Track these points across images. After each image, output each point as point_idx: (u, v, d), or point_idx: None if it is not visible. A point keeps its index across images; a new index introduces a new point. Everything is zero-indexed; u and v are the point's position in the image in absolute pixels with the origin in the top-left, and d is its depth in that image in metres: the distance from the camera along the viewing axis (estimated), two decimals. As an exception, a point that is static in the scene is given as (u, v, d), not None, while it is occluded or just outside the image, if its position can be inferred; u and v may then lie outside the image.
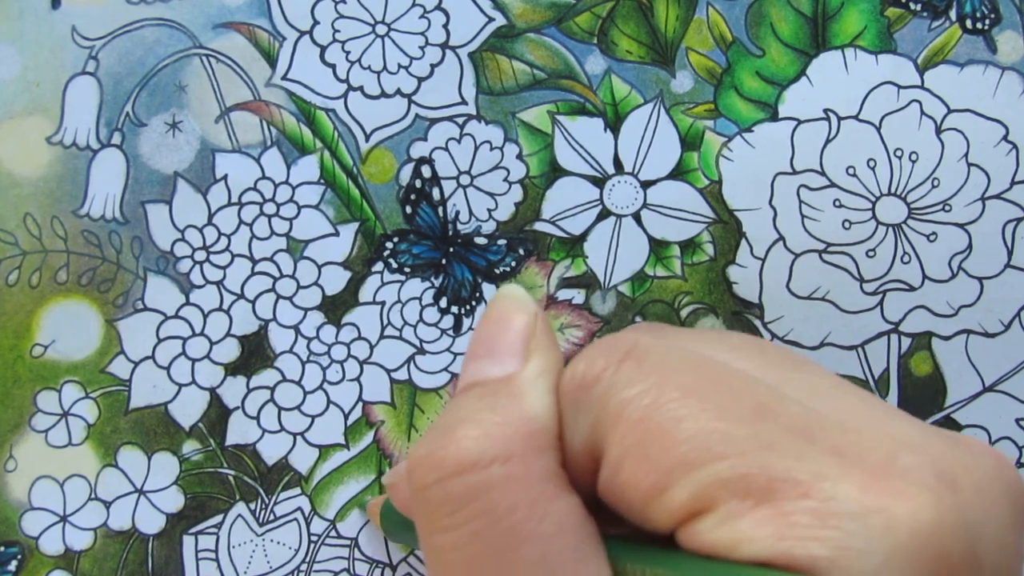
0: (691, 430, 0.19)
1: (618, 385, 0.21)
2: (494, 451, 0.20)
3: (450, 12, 0.37)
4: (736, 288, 0.37)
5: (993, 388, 0.37)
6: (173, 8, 0.36)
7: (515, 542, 0.20)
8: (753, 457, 0.19)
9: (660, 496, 0.20)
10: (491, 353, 0.23)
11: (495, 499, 0.20)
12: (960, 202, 0.37)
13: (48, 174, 0.36)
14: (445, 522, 0.20)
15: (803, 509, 0.18)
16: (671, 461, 0.19)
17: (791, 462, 0.19)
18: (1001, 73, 0.37)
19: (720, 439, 0.19)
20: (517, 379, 0.22)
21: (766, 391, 0.20)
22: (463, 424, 0.21)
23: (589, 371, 0.21)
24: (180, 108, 0.36)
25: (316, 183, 0.36)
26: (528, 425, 0.21)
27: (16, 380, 0.35)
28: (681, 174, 0.37)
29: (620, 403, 0.20)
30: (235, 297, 0.36)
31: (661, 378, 0.20)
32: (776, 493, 0.18)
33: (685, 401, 0.20)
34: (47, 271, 0.36)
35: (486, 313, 0.24)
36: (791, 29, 0.37)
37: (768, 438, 0.19)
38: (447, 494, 0.20)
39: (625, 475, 0.20)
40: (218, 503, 0.36)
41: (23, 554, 0.35)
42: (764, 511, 0.18)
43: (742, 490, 0.19)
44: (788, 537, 0.18)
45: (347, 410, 0.36)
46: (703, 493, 0.19)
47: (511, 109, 0.37)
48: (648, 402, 0.20)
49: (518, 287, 0.25)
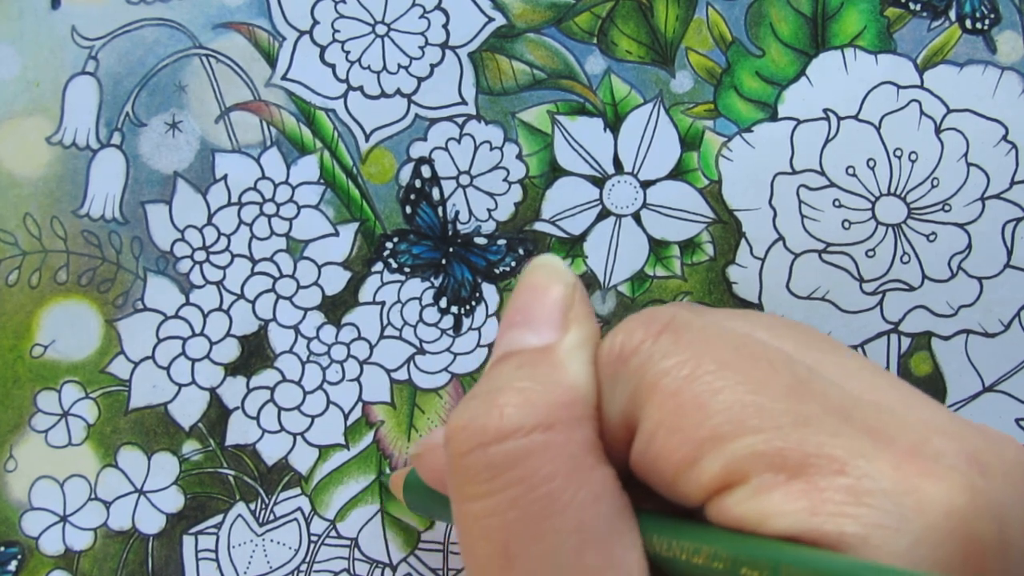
0: (726, 402, 0.19)
1: (655, 356, 0.21)
2: (535, 419, 0.20)
3: (450, 12, 0.37)
4: (736, 288, 0.37)
5: (993, 388, 0.37)
6: (173, 8, 0.36)
7: (552, 510, 0.20)
8: (788, 432, 0.19)
9: (692, 467, 0.20)
10: (529, 322, 0.23)
11: (535, 466, 0.20)
12: (960, 202, 0.37)
13: (48, 174, 0.36)
14: (483, 488, 0.20)
15: (837, 486, 0.18)
16: (705, 433, 0.19)
17: (826, 438, 0.19)
18: (1001, 73, 0.37)
19: (755, 412, 0.19)
20: (556, 349, 0.22)
21: (803, 369, 0.20)
22: (504, 392, 0.21)
23: (627, 342, 0.21)
24: (180, 108, 0.36)
25: (316, 183, 0.36)
26: (569, 394, 0.21)
27: (16, 380, 0.35)
28: (681, 174, 0.37)
29: (657, 374, 0.20)
30: (235, 297, 0.36)
31: (698, 351, 0.20)
32: (810, 468, 0.18)
33: (722, 374, 0.20)
34: (47, 271, 0.36)
35: (522, 282, 0.24)
36: (791, 29, 0.37)
37: (804, 414, 0.19)
38: (487, 461, 0.20)
39: (658, 446, 0.20)
40: (218, 503, 0.36)
41: (23, 554, 0.35)
42: (797, 485, 0.18)
43: (776, 464, 0.19)
44: (820, 512, 0.18)
45: (347, 410, 0.36)
46: (735, 466, 0.19)
47: (511, 109, 0.37)
48: (685, 373, 0.20)
49: (555, 256, 0.24)
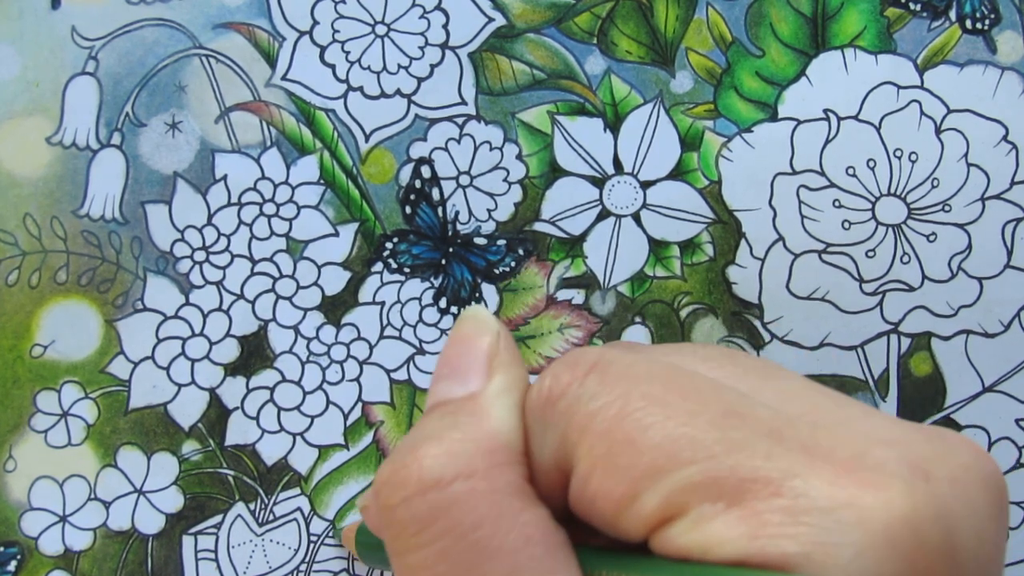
0: (658, 437, 0.19)
1: (583, 397, 0.21)
2: (456, 468, 0.20)
3: (450, 12, 0.37)
4: (736, 288, 0.37)
5: (993, 388, 0.37)
6: (173, 8, 0.36)
7: (483, 558, 0.20)
8: (722, 460, 0.19)
9: (631, 505, 0.19)
10: (454, 373, 0.23)
11: (460, 516, 0.20)
12: (960, 202, 0.37)
13: (48, 174, 0.36)
14: (412, 541, 0.20)
15: (774, 507, 0.18)
16: (640, 469, 0.19)
17: (760, 462, 0.19)
18: (1001, 73, 0.37)
19: (688, 444, 0.19)
20: (480, 397, 0.22)
21: (734, 396, 0.20)
22: (426, 442, 0.21)
23: (555, 386, 0.21)
24: (180, 108, 0.36)
25: (316, 183, 0.36)
26: (490, 441, 0.21)
27: (16, 380, 0.35)
28: (681, 174, 0.37)
29: (586, 415, 0.20)
30: (235, 297, 0.36)
31: (627, 388, 0.20)
32: (747, 493, 0.18)
33: (651, 409, 0.20)
34: (47, 271, 0.36)
35: (451, 335, 0.24)
36: (791, 29, 0.37)
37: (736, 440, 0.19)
38: (412, 513, 0.20)
39: (595, 486, 0.20)
40: (218, 503, 0.36)
41: (23, 554, 0.35)
42: (735, 512, 0.18)
43: (712, 493, 0.19)
44: (761, 536, 0.18)
45: (347, 410, 0.36)
46: (673, 499, 0.19)
47: (511, 109, 0.37)
48: (614, 412, 0.20)
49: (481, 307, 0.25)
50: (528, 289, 0.37)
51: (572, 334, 0.37)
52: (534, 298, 0.37)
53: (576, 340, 0.37)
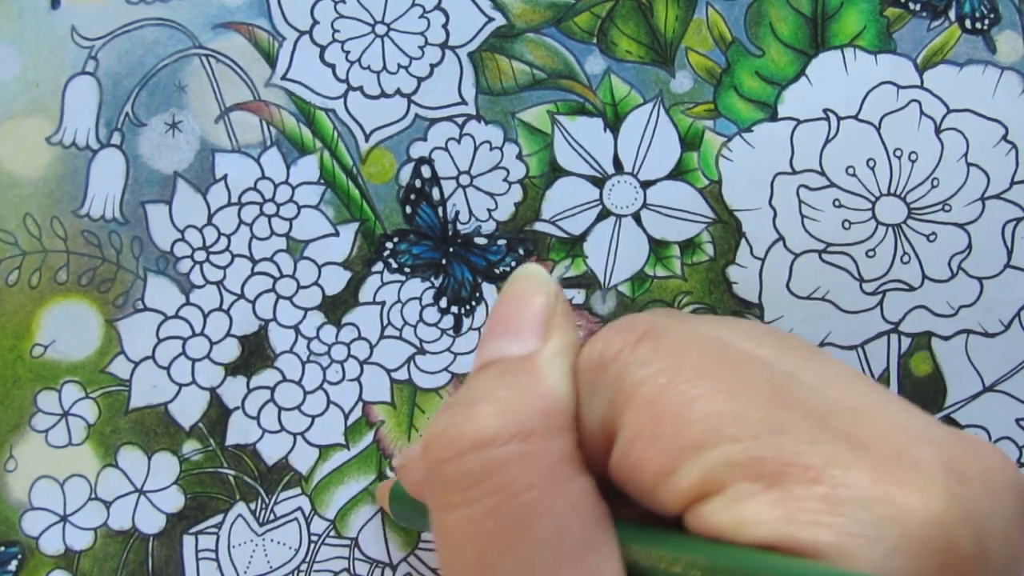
0: (704, 411, 0.19)
1: (634, 364, 0.21)
2: (513, 428, 0.20)
3: (450, 12, 0.37)
4: (736, 288, 0.37)
5: (993, 388, 0.37)
6: (173, 8, 0.36)
7: (529, 520, 0.20)
8: (765, 440, 0.19)
9: (669, 477, 0.19)
10: (509, 331, 0.23)
11: (512, 476, 0.20)
12: (960, 202, 0.37)
13: (48, 174, 0.36)
14: (460, 497, 0.20)
15: (813, 494, 0.18)
16: (682, 442, 0.19)
17: (803, 447, 0.19)
18: (1000, 73, 0.37)
19: (732, 421, 0.19)
20: (536, 358, 0.22)
21: (781, 376, 0.20)
22: (481, 401, 0.21)
23: (606, 350, 0.21)
24: (180, 108, 0.36)
25: (316, 183, 0.36)
26: (547, 404, 0.21)
27: (16, 380, 0.35)
28: (681, 174, 0.37)
29: (635, 383, 0.20)
30: (235, 297, 0.36)
31: (677, 359, 0.20)
32: (786, 477, 0.18)
33: (699, 382, 0.20)
34: (47, 271, 0.36)
35: (504, 292, 0.24)
36: (790, 29, 0.37)
37: (781, 422, 0.19)
38: (464, 470, 0.20)
39: (636, 455, 0.20)
40: (218, 503, 0.36)
41: (23, 554, 0.35)
42: (773, 494, 0.18)
43: (752, 473, 0.19)
44: (796, 521, 0.18)
45: (347, 410, 0.36)
46: (712, 475, 0.19)
47: (511, 109, 0.37)
48: (663, 382, 0.20)
49: (537, 266, 0.24)
50: (528, 289, 0.37)
51: (572, 334, 0.37)
52: (534, 298, 0.37)
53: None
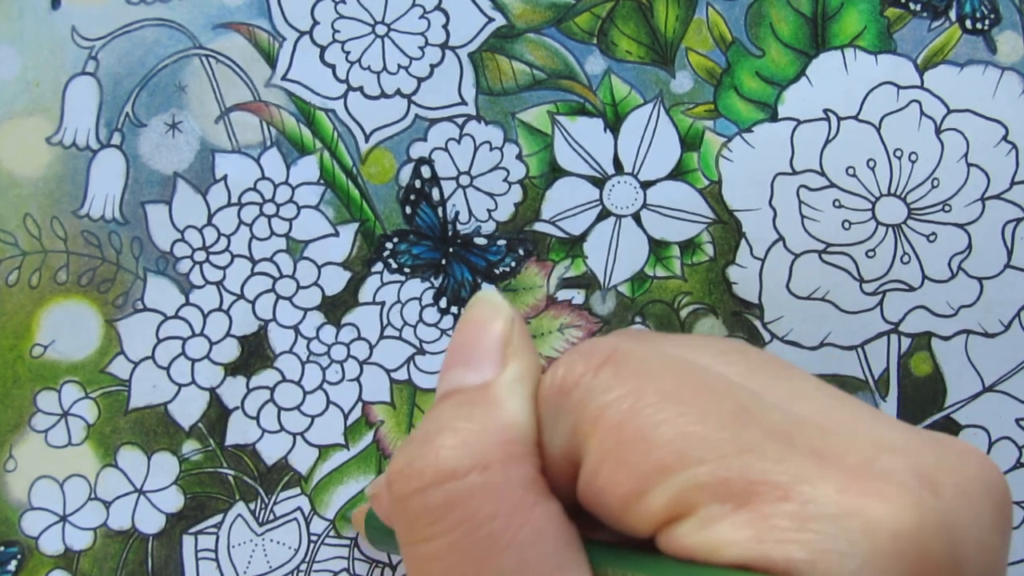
0: (669, 434, 0.19)
1: (596, 390, 0.21)
2: (472, 459, 0.20)
3: (450, 12, 0.37)
4: (736, 288, 0.37)
5: (993, 388, 0.37)
6: (173, 8, 0.36)
7: (494, 550, 0.20)
8: (732, 461, 0.19)
9: (638, 501, 0.19)
10: (467, 360, 0.23)
11: (474, 508, 0.20)
12: (960, 202, 0.37)
13: (48, 174, 0.36)
14: (424, 532, 0.20)
15: (782, 512, 0.18)
16: (649, 465, 0.19)
17: (770, 465, 0.19)
18: (1001, 73, 0.37)
19: (699, 443, 0.19)
20: (494, 386, 0.22)
21: (746, 395, 0.20)
22: (441, 433, 0.21)
23: (568, 376, 0.21)
24: (180, 108, 0.36)
25: (316, 183, 0.36)
26: (506, 432, 0.21)
27: (16, 380, 0.35)
28: (681, 174, 0.37)
29: (598, 408, 0.20)
30: (235, 297, 0.36)
31: (640, 383, 0.20)
32: (755, 496, 0.18)
33: (664, 405, 0.20)
34: (47, 271, 0.36)
35: (462, 319, 0.24)
36: (791, 29, 0.37)
37: (747, 442, 0.19)
38: (426, 504, 0.20)
39: (603, 480, 0.20)
40: (218, 503, 0.36)
41: (23, 554, 0.35)
42: (743, 515, 0.18)
43: (721, 494, 0.19)
44: (767, 540, 0.18)
45: (347, 410, 0.36)
46: (681, 497, 0.19)
47: (511, 109, 0.37)
48: (626, 407, 0.20)
49: (493, 291, 0.24)
50: (528, 289, 0.37)
51: (572, 334, 0.37)
52: (534, 298, 0.37)
53: (576, 340, 0.37)
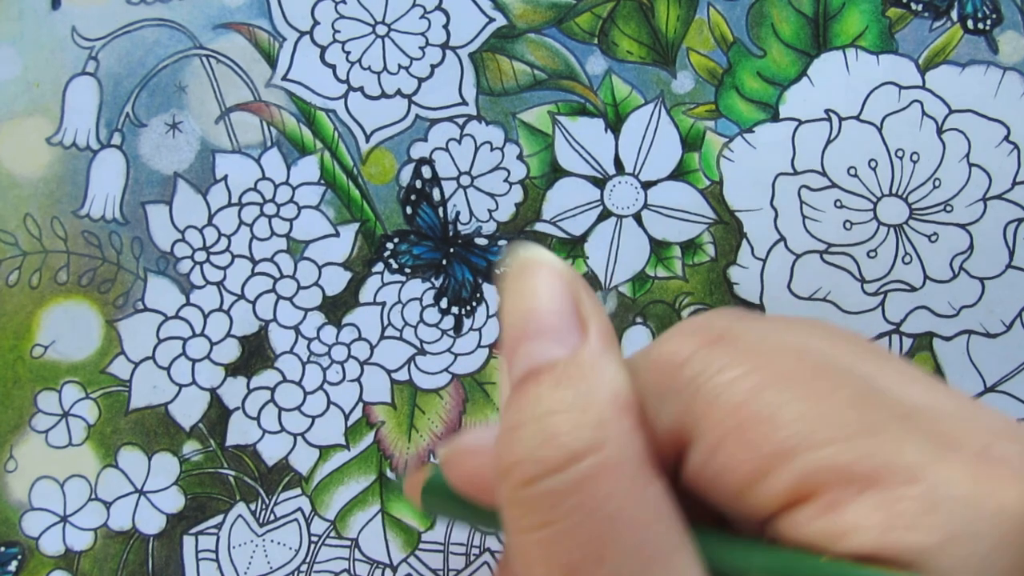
0: (793, 415, 0.19)
1: (712, 368, 0.20)
2: (587, 441, 0.20)
3: (450, 12, 0.37)
4: (737, 289, 0.37)
5: (994, 388, 0.37)
6: (173, 8, 0.36)
7: (612, 533, 0.19)
8: (857, 443, 0.19)
9: (760, 482, 0.19)
10: (543, 331, 0.22)
11: (592, 491, 0.20)
12: (961, 202, 0.37)
13: (48, 174, 0.36)
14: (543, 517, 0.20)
15: (912, 495, 0.18)
16: (773, 446, 0.19)
17: (896, 447, 0.18)
18: (1003, 73, 0.37)
19: (823, 425, 0.19)
20: (586, 357, 0.21)
21: (862, 378, 0.20)
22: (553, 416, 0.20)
23: (679, 352, 0.21)
24: (180, 109, 0.36)
25: (316, 184, 0.36)
26: (615, 406, 0.21)
27: (16, 381, 0.35)
28: (682, 175, 0.37)
29: (717, 386, 0.20)
30: (235, 298, 0.36)
31: (758, 363, 0.20)
32: (882, 479, 0.18)
33: (785, 386, 0.19)
34: (47, 271, 0.36)
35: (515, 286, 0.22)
36: (792, 29, 0.37)
37: (871, 423, 0.19)
38: (546, 491, 0.20)
39: (722, 460, 0.20)
40: (218, 503, 0.36)
41: (23, 554, 0.35)
42: (870, 498, 0.18)
43: (847, 476, 0.18)
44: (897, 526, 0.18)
45: (347, 411, 0.36)
46: (806, 479, 0.19)
47: (511, 109, 0.37)
48: (748, 386, 0.20)
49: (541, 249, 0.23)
50: (529, 289, 0.37)
51: (573, 334, 0.37)
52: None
53: (577, 340, 0.37)
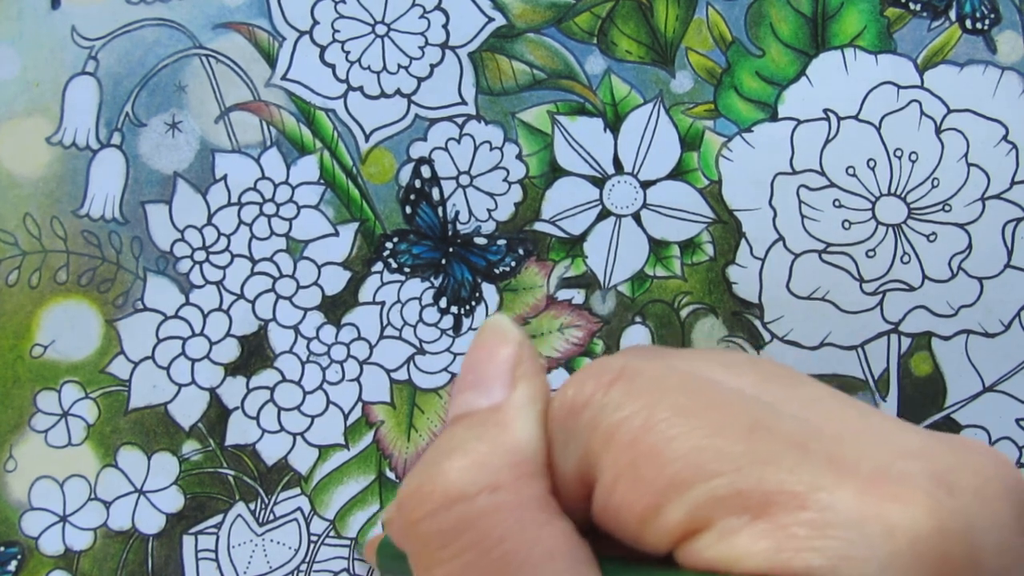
0: (684, 448, 0.19)
1: (608, 408, 0.21)
2: (482, 480, 0.20)
3: (450, 12, 0.37)
4: (736, 288, 0.37)
5: (993, 388, 0.37)
6: (173, 8, 0.36)
7: (508, 571, 0.20)
8: (748, 472, 0.19)
9: (655, 517, 0.19)
10: (477, 384, 0.23)
11: (485, 529, 0.20)
12: (960, 202, 0.37)
13: (48, 174, 0.36)
14: (437, 556, 0.20)
15: (800, 521, 0.18)
16: (664, 481, 0.19)
17: (786, 475, 0.19)
18: (1001, 73, 0.37)
19: (713, 456, 0.19)
20: (504, 408, 0.22)
21: (759, 407, 0.20)
22: (451, 455, 0.21)
23: (579, 395, 0.21)
24: (180, 108, 0.36)
25: (316, 183, 0.36)
26: (516, 453, 0.21)
27: (16, 380, 0.35)
28: (681, 174, 0.37)
29: (611, 426, 0.20)
30: (235, 297, 0.36)
31: (652, 399, 0.20)
32: (772, 507, 0.18)
33: (677, 420, 0.20)
34: (47, 271, 0.36)
35: (472, 345, 0.24)
36: (791, 29, 0.37)
37: (762, 453, 0.19)
38: (437, 527, 0.20)
39: (619, 497, 0.20)
40: (218, 503, 0.36)
41: (23, 554, 0.35)
42: (761, 525, 0.18)
43: (738, 506, 0.19)
44: (786, 549, 0.18)
45: (347, 410, 0.36)
46: (698, 511, 0.19)
47: (511, 109, 0.37)
48: (639, 423, 0.20)
49: (503, 317, 0.25)
50: (528, 289, 0.37)
51: (572, 334, 0.37)
52: (534, 298, 0.37)
53: (576, 340, 0.37)
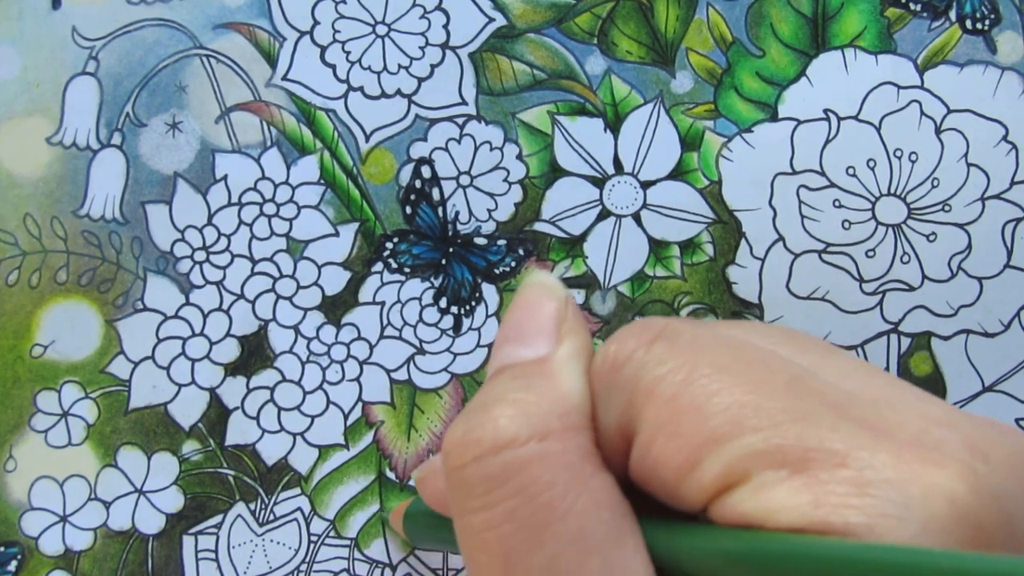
0: (724, 404, 0.19)
1: (650, 364, 0.21)
2: (530, 429, 0.21)
3: (450, 12, 0.37)
4: (736, 288, 0.37)
5: (993, 388, 0.37)
6: (173, 8, 0.36)
7: (552, 518, 0.20)
8: (787, 428, 0.19)
9: (693, 471, 0.19)
10: (523, 337, 0.23)
11: (532, 476, 0.20)
12: (960, 202, 0.37)
13: (48, 174, 0.36)
14: (481, 501, 0.20)
15: (840, 478, 0.18)
16: (703, 435, 0.19)
17: (826, 432, 0.19)
18: (1001, 73, 0.37)
19: (753, 412, 0.19)
20: (550, 360, 0.22)
21: (799, 369, 0.21)
22: (498, 404, 0.21)
23: (620, 351, 0.21)
24: (180, 108, 0.36)
25: (316, 183, 0.36)
26: (563, 404, 0.21)
27: (16, 380, 0.35)
28: (681, 174, 0.37)
29: (652, 381, 0.20)
30: (235, 297, 0.36)
31: (693, 356, 0.20)
32: (811, 463, 0.18)
33: (718, 376, 0.20)
34: (47, 271, 0.36)
35: (515, 301, 0.24)
36: (791, 29, 0.37)
37: (802, 410, 0.19)
38: (484, 473, 0.20)
39: (657, 452, 0.20)
40: (218, 503, 0.36)
41: (23, 554, 0.35)
42: (799, 480, 0.18)
43: (777, 461, 0.19)
44: (824, 505, 0.18)
45: (347, 410, 0.36)
46: (736, 465, 0.19)
47: (511, 109, 0.37)
48: (680, 378, 0.20)
49: (547, 273, 0.25)
50: (528, 289, 0.37)
51: (572, 334, 0.37)
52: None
53: (576, 340, 0.37)
